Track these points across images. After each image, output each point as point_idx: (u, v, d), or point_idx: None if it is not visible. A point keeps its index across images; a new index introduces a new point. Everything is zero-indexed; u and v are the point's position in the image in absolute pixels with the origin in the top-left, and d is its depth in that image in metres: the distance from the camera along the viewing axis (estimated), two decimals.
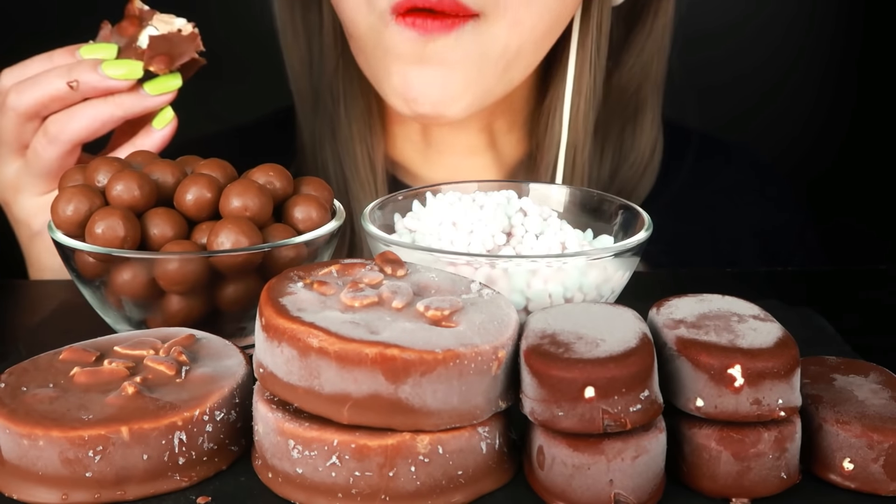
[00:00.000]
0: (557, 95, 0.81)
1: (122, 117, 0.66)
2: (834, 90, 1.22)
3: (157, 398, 0.44)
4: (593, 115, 0.81)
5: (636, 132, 0.87)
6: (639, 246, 0.55)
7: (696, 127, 0.93)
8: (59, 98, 0.65)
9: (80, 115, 0.65)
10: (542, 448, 0.42)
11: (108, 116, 0.66)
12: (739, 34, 1.19)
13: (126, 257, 0.52)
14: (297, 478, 0.42)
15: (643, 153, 0.87)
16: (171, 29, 0.65)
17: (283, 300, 0.44)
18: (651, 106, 0.87)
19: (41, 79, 0.65)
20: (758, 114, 1.20)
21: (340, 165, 0.83)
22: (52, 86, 0.65)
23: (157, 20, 0.65)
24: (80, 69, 0.64)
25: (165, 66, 0.64)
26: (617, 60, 0.84)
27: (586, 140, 0.81)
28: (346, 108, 0.83)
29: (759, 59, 1.18)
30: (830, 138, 1.21)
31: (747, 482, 0.42)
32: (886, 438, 0.43)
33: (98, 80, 0.64)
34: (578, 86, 0.79)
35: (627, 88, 0.86)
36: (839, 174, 1.21)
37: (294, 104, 0.87)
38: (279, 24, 0.86)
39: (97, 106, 0.65)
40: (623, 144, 0.87)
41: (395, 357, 0.40)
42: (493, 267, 0.52)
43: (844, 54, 1.21)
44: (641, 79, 0.86)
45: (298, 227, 0.55)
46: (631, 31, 0.85)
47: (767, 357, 0.42)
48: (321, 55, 0.85)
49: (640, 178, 0.87)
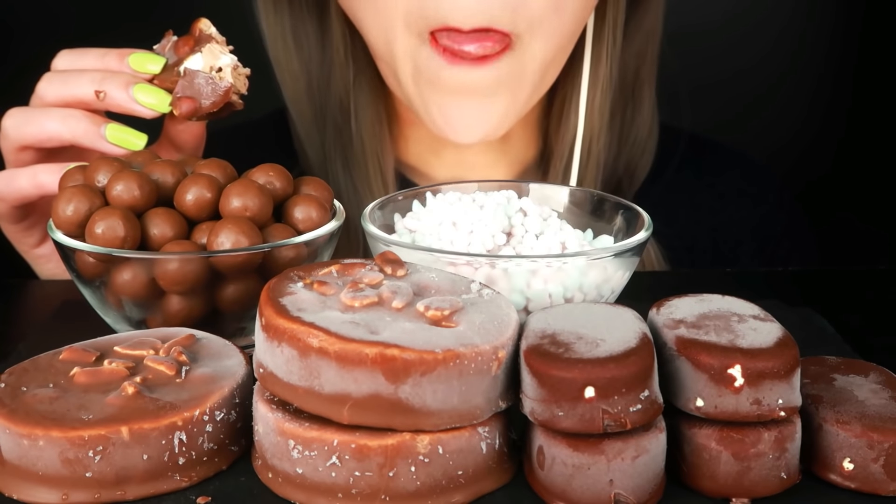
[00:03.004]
0: (572, 88, 0.80)
1: (69, 142, 0.63)
2: (831, 90, 1.22)
3: (157, 398, 0.44)
4: (609, 104, 0.81)
5: (636, 111, 0.87)
6: (639, 246, 0.55)
7: (693, 129, 0.93)
8: (84, 102, 0.63)
9: (37, 120, 0.63)
10: (542, 448, 0.42)
11: (56, 135, 0.63)
12: (735, 32, 1.19)
13: (126, 257, 0.52)
14: (297, 478, 0.42)
15: (643, 132, 0.87)
16: (215, 64, 0.61)
17: (283, 300, 0.44)
18: (647, 86, 0.87)
19: (74, 77, 0.63)
20: (755, 114, 1.20)
21: (351, 178, 0.83)
22: (81, 89, 0.63)
23: (209, 50, 0.62)
24: (113, 82, 0.62)
25: (189, 114, 0.62)
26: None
27: (602, 128, 0.80)
28: (357, 123, 0.82)
29: (755, 58, 1.18)
30: (829, 138, 1.22)
31: (747, 482, 0.42)
32: (886, 438, 0.43)
33: (124, 101, 0.62)
34: (595, 77, 0.78)
35: (627, 72, 0.86)
36: (839, 174, 1.21)
37: None
38: (270, 49, 0.84)
39: (56, 119, 0.63)
40: (624, 124, 0.87)
41: (395, 357, 0.40)
42: (493, 267, 0.52)
43: (842, 54, 1.21)
44: (638, 61, 0.86)
45: (298, 227, 0.55)
46: (628, 17, 0.85)
47: (767, 357, 0.42)
48: (326, 72, 0.83)
49: (640, 157, 0.87)
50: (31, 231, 0.69)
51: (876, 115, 1.20)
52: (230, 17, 0.85)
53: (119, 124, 0.63)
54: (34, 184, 0.63)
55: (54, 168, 0.63)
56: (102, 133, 0.62)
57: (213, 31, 0.63)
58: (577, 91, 0.79)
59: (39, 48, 0.70)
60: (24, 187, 0.64)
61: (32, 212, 0.68)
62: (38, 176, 0.63)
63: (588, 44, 0.78)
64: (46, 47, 0.68)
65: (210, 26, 0.63)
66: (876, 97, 1.20)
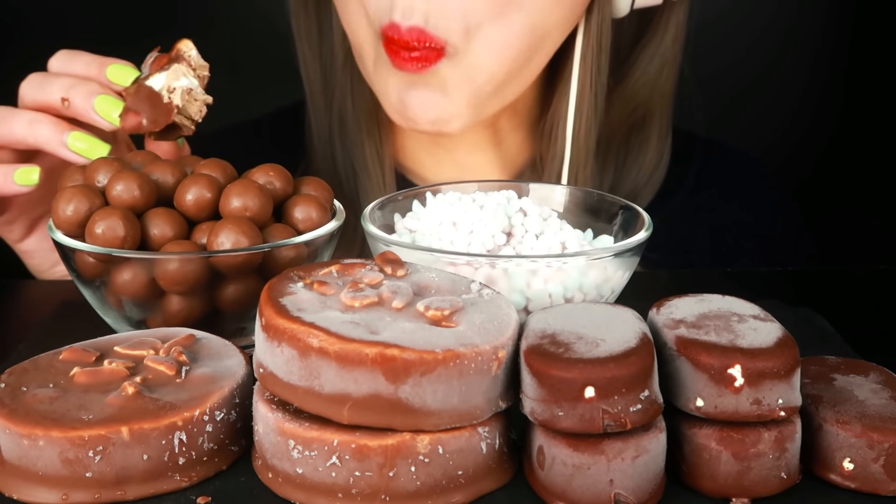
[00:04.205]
0: (560, 109, 0.81)
1: (34, 146, 0.63)
2: (822, 88, 1.21)
3: (157, 398, 0.44)
4: (595, 132, 0.81)
5: (642, 144, 0.87)
6: (639, 246, 0.55)
7: (691, 128, 0.93)
8: (53, 108, 0.63)
9: (7, 122, 0.63)
10: (542, 448, 0.42)
11: (22, 138, 0.63)
12: (724, 27, 1.18)
13: (126, 257, 0.52)
14: (297, 478, 0.42)
15: (647, 165, 0.87)
16: (172, 84, 0.61)
17: (283, 300, 0.44)
18: (659, 117, 0.86)
19: (49, 82, 0.64)
20: (744, 110, 1.19)
21: (350, 159, 0.84)
22: (52, 95, 0.63)
23: (173, 70, 0.61)
24: (79, 91, 0.62)
25: (131, 129, 0.61)
26: (622, 75, 0.84)
27: (588, 157, 0.81)
28: (353, 101, 0.84)
29: (745, 53, 1.18)
30: (820, 136, 1.21)
31: (747, 482, 0.42)
32: (886, 438, 0.43)
33: (84, 110, 0.62)
34: (580, 104, 0.79)
35: (632, 101, 0.85)
36: (833, 173, 1.20)
37: (302, 101, 0.88)
38: (294, 23, 0.86)
39: (24, 123, 0.63)
40: (627, 157, 0.87)
41: (395, 357, 0.40)
42: (493, 267, 0.52)
43: (833, 49, 1.20)
44: (648, 92, 0.85)
45: (298, 227, 0.55)
46: (637, 43, 0.84)
47: (767, 357, 0.42)
48: (331, 52, 0.85)
49: (642, 189, 0.87)
50: (12, 227, 0.69)
51: (873, 115, 1.19)
52: (240, 16, 0.85)
53: (83, 132, 0.63)
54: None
55: (5, 170, 0.63)
56: (64, 140, 0.62)
57: (192, 54, 0.63)
58: (564, 116, 0.80)
59: (43, 46, 0.70)
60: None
61: (8, 207, 0.68)
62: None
63: (575, 68, 0.78)
64: (50, 45, 0.68)
65: (191, 48, 0.63)
66: (868, 93, 1.20)
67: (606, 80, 0.80)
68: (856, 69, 1.19)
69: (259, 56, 1.01)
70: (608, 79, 0.81)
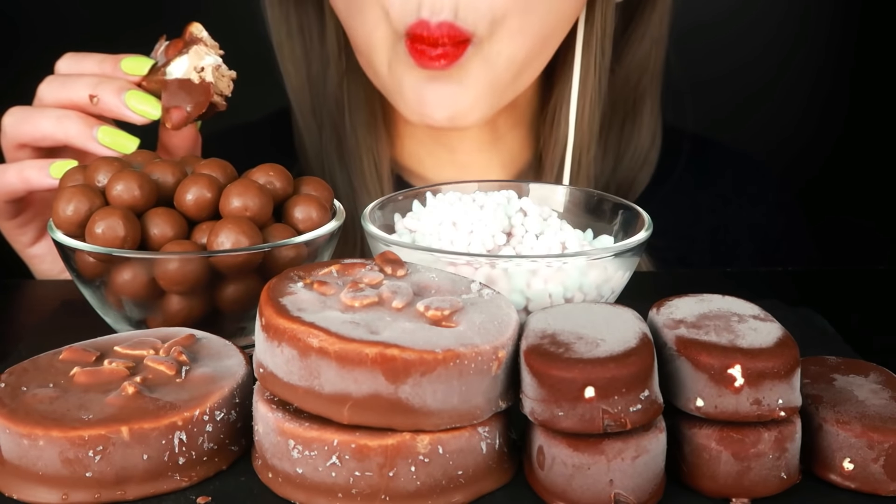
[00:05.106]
0: (562, 97, 0.81)
1: (63, 142, 0.64)
2: (829, 88, 1.21)
3: (157, 398, 0.44)
4: (598, 116, 0.81)
5: (636, 124, 0.87)
6: (639, 246, 0.55)
7: (693, 128, 0.93)
8: (79, 105, 0.64)
9: (33, 119, 0.64)
10: (542, 448, 0.42)
11: (50, 134, 0.64)
12: (732, 28, 1.19)
13: (126, 257, 0.52)
14: (297, 478, 0.42)
15: (643, 145, 0.87)
16: (198, 64, 0.62)
17: (283, 300, 0.44)
18: (650, 96, 0.87)
19: (72, 81, 0.64)
20: (752, 112, 1.19)
21: (348, 175, 0.84)
22: (77, 92, 0.64)
23: (194, 52, 0.62)
24: (106, 87, 0.63)
25: (180, 123, 0.62)
26: (617, 56, 0.85)
27: (591, 141, 0.81)
28: (350, 118, 0.83)
29: (751, 55, 1.18)
30: (827, 137, 1.21)
31: (747, 482, 0.42)
32: (886, 438, 0.43)
33: (115, 106, 0.63)
34: (584, 88, 0.79)
35: (627, 82, 0.86)
36: (839, 174, 1.20)
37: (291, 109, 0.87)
38: (274, 36, 0.85)
39: (51, 119, 0.64)
40: (623, 137, 0.87)
41: (395, 357, 0.40)
42: (493, 267, 0.52)
43: (840, 50, 1.20)
44: (640, 71, 0.86)
45: (298, 227, 0.55)
46: (629, 24, 0.85)
47: (767, 357, 0.42)
48: (322, 66, 0.85)
49: (639, 170, 0.87)
50: (25, 229, 0.70)
51: (874, 114, 1.20)
52: (234, 17, 0.85)
53: (112, 127, 0.64)
54: (21, 178, 0.64)
55: (41, 164, 0.64)
56: (94, 135, 0.63)
57: (205, 35, 0.63)
58: (567, 101, 0.80)
59: (45, 49, 0.70)
60: (12, 181, 0.65)
61: (26, 208, 0.68)
62: (24, 171, 0.64)
63: (578, 54, 0.79)
64: (53, 48, 0.69)
65: (202, 30, 0.64)
66: (875, 94, 1.20)
67: (609, 64, 0.81)
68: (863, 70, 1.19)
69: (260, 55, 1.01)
70: None
